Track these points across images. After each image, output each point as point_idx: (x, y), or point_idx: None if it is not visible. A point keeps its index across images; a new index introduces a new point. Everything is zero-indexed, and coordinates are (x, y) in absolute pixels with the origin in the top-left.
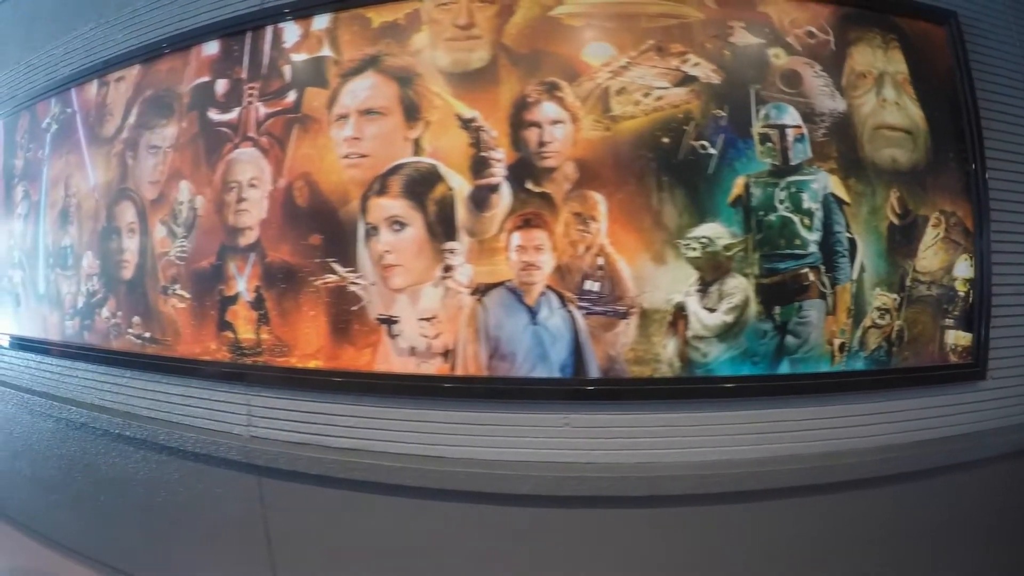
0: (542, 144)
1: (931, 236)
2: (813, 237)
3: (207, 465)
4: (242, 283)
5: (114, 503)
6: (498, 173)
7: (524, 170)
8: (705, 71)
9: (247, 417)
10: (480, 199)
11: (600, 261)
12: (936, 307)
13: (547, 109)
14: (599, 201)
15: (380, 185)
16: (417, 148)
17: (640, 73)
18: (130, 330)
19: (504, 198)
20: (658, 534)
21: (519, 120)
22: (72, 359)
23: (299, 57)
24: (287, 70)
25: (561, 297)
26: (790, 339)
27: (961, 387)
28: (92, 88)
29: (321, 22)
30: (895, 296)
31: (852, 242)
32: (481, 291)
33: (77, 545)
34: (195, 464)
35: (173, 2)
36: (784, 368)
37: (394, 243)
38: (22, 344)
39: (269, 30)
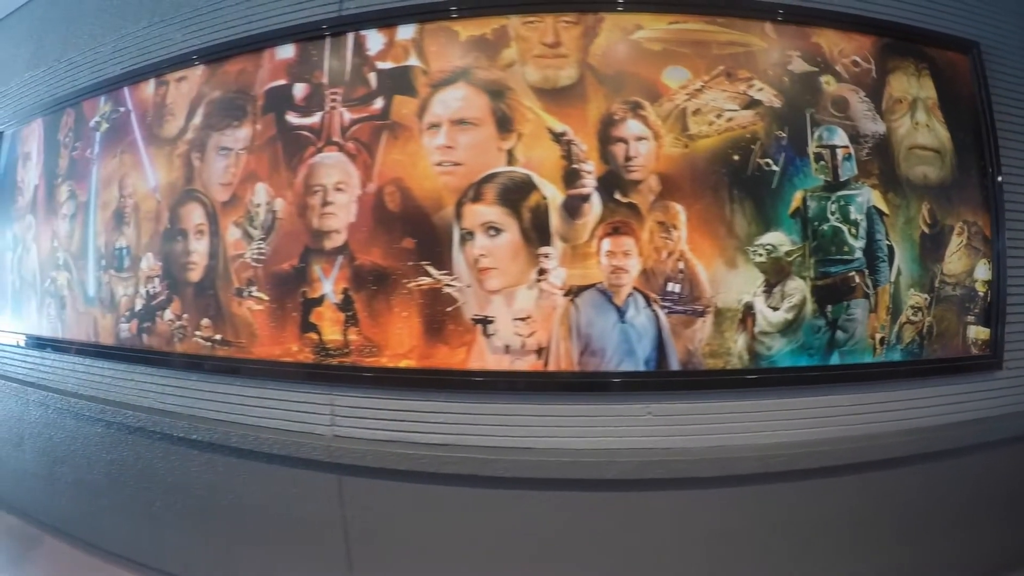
0: (628, 158)
1: (956, 243)
2: (859, 244)
3: (283, 466)
4: (328, 285)
5: (172, 507)
6: (589, 184)
7: (613, 182)
8: (768, 95)
9: (330, 417)
10: (572, 207)
11: (680, 265)
12: (960, 306)
13: (632, 126)
14: (680, 211)
15: (475, 192)
16: (511, 158)
17: (713, 96)
18: (198, 333)
19: (595, 207)
20: (729, 511)
21: (607, 135)
22: (128, 362)
23: (385, 65)
24: (372, 77)
25: (646, 298)
26: (840, 334)
27: (981, 376)
28: (148, 87)
29: (406, 32)
30: (926, 296)
31: (890, 249)
32: (574, 292)
33: (126, 551)
34: (269, 466)
35: (239, 4)
36: (835, 359)
37: (490, 247)
38: (68, 348)
39: (350, 37)
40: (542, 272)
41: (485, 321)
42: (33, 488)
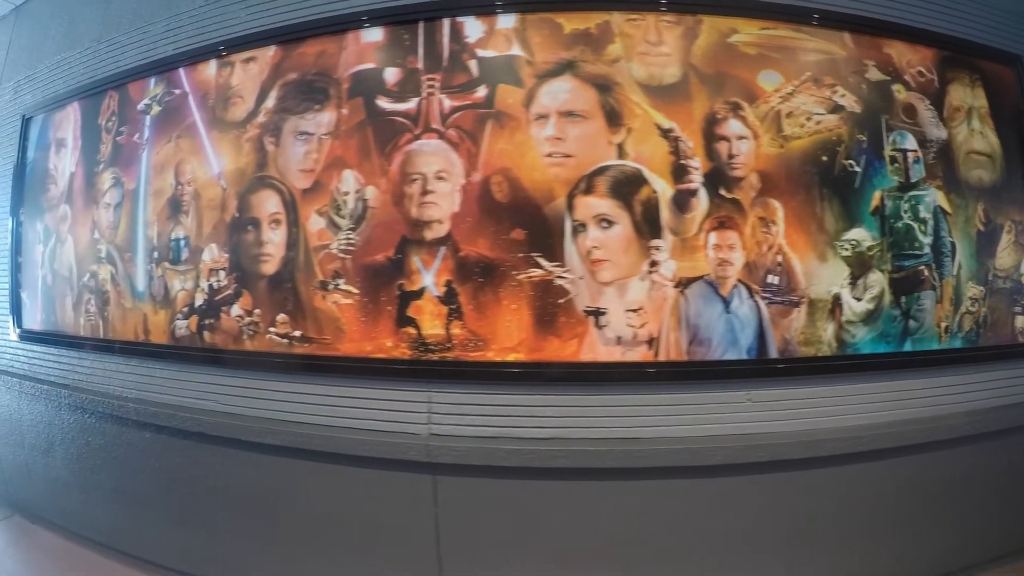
0: (731, 156)
1: (1005, 240)
2: (927, 241)
3: (371, 468)
4: (429, 277)
5: (234, 516)
6: (696, 180)
7: (718, 178)
8: (849, 101)
9: (427, 415)
10: (681, 202)
11: (779, 259)
12: (1009, 297)
13: (733, 126)
14: (778, 207)
15: (587, 184)
16: (621, 152)
17: (803, 100)
18: (272, 329)
19: (702, 202)
20: (817, 491)
21: (711, 133)
22: (185, 362)
23: (487, 53)
24: (473, 65)
25: (749, 289)
26: (912, 323)
27: None
28: (208, 68)
29: (507, 21)
30: (982, 288)
31: (953, 245)
32: (683, 284)
33: (177, 563)
34: (354, 469)
35: None
36: (907, 346)
37: (602, 239)
38: (112, 348)
39: (446, 22)
40: (653, 264)
41: (597, 313)
42: (65, 498)
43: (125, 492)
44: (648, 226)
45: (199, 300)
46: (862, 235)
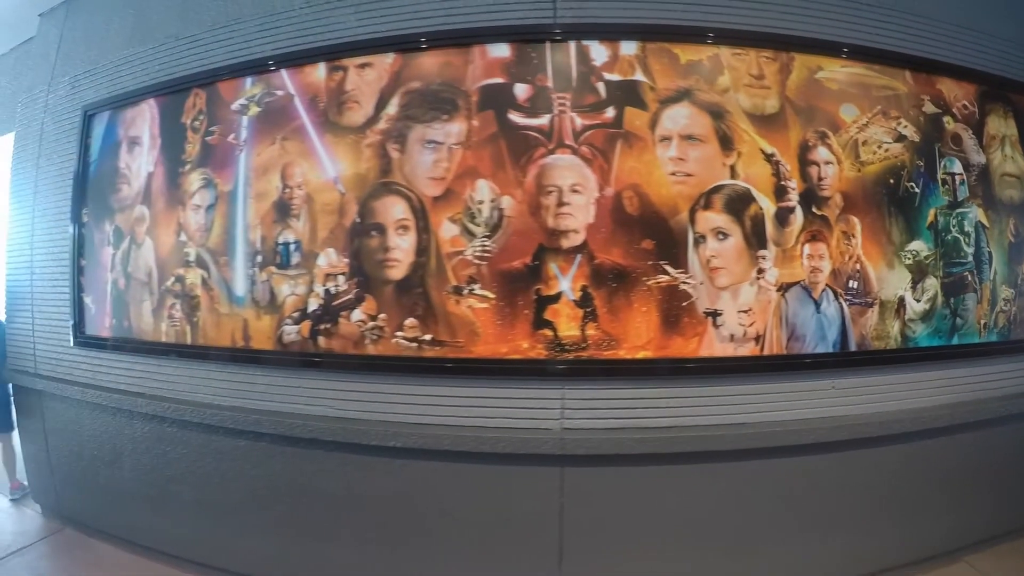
0: (820, 179)
1: None
2: (970, 251)
3: (500, 465)
4: (566, 283)
5: (345, 521)
6: (793, 198)
7: (810, 197)
8: (910, 131)
9: (560, 411)
10: (782, 217)
11: (857, 266)
12: None
13: (822, 152)
14: (856, 223)
15: (705, 200)
16: (733, 173)
17: (874, 130)
18: (399, 334)
19: (798, 218)
20: (888, 464)
21: (804, 158)
22: (293, 368)
23: (613, 77)
24: (601, 87)
25: (834, 292)
26: (958, 320)
27: None
28: (317, 71)
29: (629, 48)
30: (1012, 290)
31: (990, 254)
32: (783, 288)
33: (262, 571)
34: (482, 466)
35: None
36: (955, 340)
37: (719, 250)
38: (203, 354)
39: (572, 45)
40: (760, 271)
41: (715, 314)
42: (133, 509)
43: (209, 502)
44: (756, 238)
45: (312, 305)
46: (920, 246)
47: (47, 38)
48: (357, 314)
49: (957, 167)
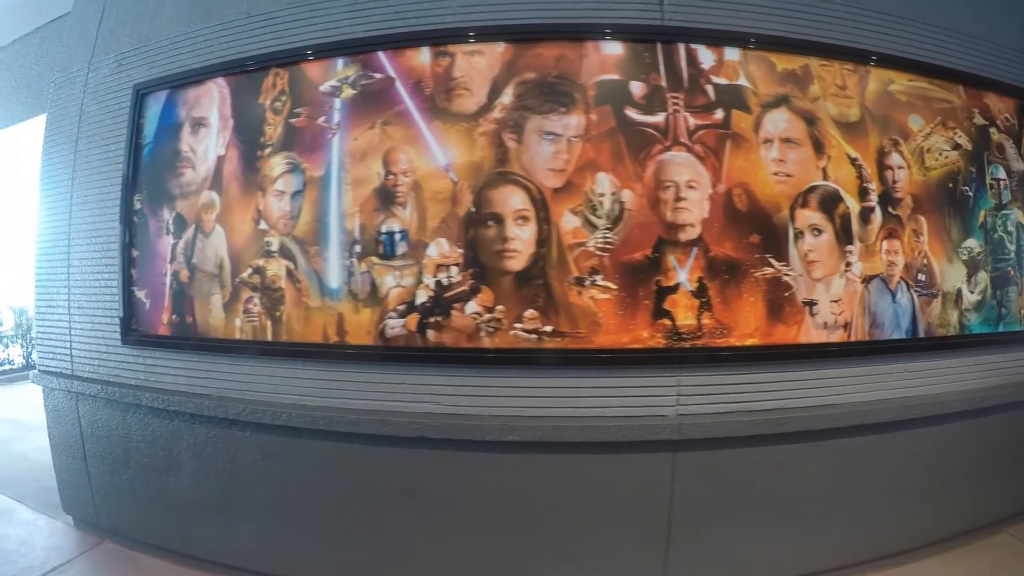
0: (894, 182)
1: None
2: (1012, 248)
3: (616, 454)
4: (683, 274)
5: (448, 519)
6: (874, 199)
7: (886, 198)
8: (964, 140)
9: (676, 398)
10: (865, 216)
11: (924, 261)
12: None
13: (895, 158)
14: (923, 222)
15: (803, 200)
16: (825, 175)
17: (936, 139)
18: (518, 325)
19: (878, 217)
20: (953, 440)
21: (881, 163)
22: (398, 363)
23: (720, 81)
24: (710, 89)
25: (907, 284)
26: (1003, 310)
27: None
28: (419, 56)
29: (732, 54)
30: None
31: None
32: (866, 280)
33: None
34: (593, 455)
35: None
36: (1001, 328)
37: (815, 244)
38: (288, 351)
39: (681, 47)
40: (848, 265)
41: (811, 303)
42: (192, 520)
43: (285, 509)
44: (844, 234)
45: (421, 297)
46: (973, 244)
47: (85, 15)
48: (472, 306)
49: (1001, 173)
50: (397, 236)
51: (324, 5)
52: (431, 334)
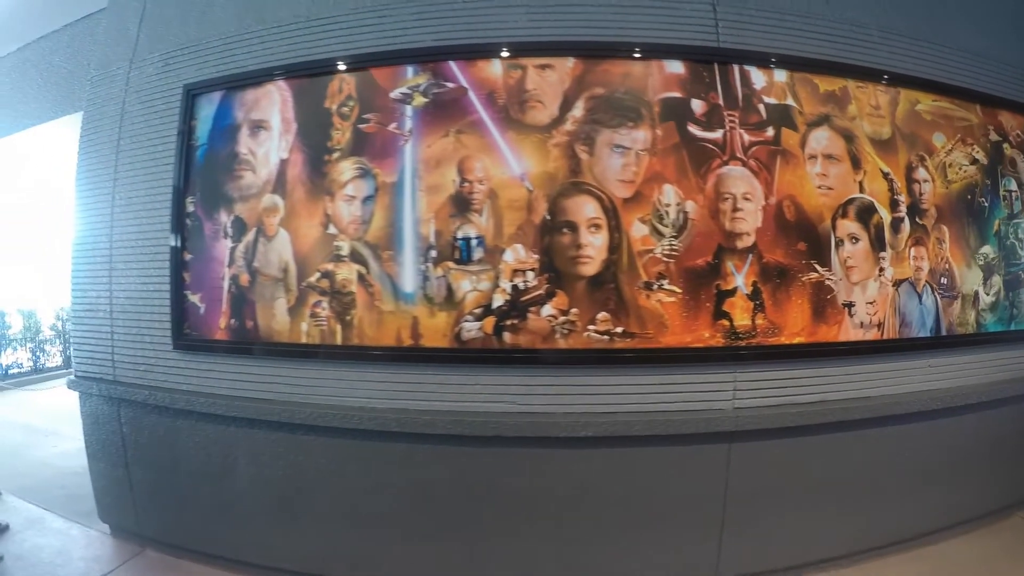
0: (921, 194)
1: None
2: (1023, 254)
3: (674, 446)
4: (740, 279)
5: (513, 513)
6: (903, 210)
7: (914, 210)
8: (981, 156)
9: (732, 392)
10: (895, 226)
11: (946, 266)
12: None
13: (921, 172)
14: (946, 231)
15: (842, 211)
16: (861, 188)
17: (957, 155)
18: (591, 327)
19: (907, 226)
20: (970, 430)
21: (909, 177)
22: (472, 365)
23: (770, 100)
24: (762, 108)
25: (931, 287)
26: (1015, 310)
27: None
28: (490, 67)
29: (780, 76)
30: None
31: None
32: (897, 284)
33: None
34: (653, 448)
35: (608, 7)
36: (1012, 327)
37: (853, 251)
38: (358, 355)
39: (736, 68)
40: (881, 270)
41: (850, 305)
42: (246, 526)
43: (351, 512)
44: (878, 242)
45: (498, 301)
46: (989, 250)
47: (124, 13)
48: (547, 309)
49: (1013, 185)
50: (473, 242)
51: (391, 11)
52: (507, 336)
